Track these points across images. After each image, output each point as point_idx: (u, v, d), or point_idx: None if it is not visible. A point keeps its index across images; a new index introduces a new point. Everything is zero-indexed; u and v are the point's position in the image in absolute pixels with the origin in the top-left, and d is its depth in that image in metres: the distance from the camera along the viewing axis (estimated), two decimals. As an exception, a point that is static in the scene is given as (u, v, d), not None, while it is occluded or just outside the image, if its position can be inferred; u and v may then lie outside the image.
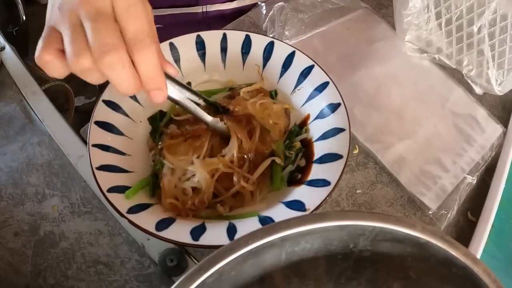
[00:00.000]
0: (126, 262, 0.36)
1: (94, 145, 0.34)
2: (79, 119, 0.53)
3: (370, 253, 0.27)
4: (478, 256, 0.42)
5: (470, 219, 0.43)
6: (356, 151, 0.46)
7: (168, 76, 0.32)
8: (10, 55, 0.58)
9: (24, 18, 0.89)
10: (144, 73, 0.27)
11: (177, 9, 0.62)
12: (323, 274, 0.30)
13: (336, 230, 0.26)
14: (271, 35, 0.52)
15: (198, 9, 0.61)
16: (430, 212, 0.43)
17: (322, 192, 0.32)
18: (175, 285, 0.22)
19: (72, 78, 0.30)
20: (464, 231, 0.44)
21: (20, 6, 0.92)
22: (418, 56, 0.56)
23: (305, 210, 0.31)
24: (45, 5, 0.30)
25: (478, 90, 0.56)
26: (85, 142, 0.45)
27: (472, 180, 0.45)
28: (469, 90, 0.55)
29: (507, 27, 0.51)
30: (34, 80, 0.54)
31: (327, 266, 0.29)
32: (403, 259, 0.27)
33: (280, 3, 0.52)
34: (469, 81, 0.55)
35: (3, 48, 0.59)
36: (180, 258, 0.34)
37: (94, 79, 0.27)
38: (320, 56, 0.50)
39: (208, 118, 0.35)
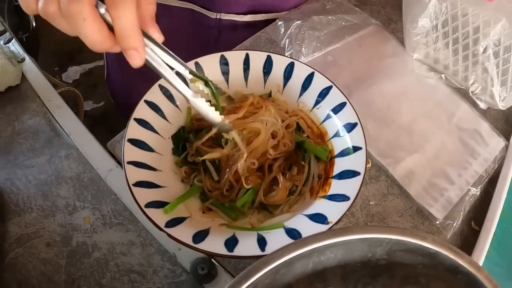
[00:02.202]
0: (158, 271, 0.41)
1: (128, 163, 0.39)
2: (88, 123, 0.57)
3: (386, 262, 0.33)
4: (481, 262, 0.47)
5: (473, 228, 0.48)
6: (369, 165, 0.51)
7: (151, 39, 0.32)
8: (30, 66, 0.62)
9: (34, 24, 0.94)
10: (117, 29, 0.28)
11: (195, 6, 0.66)
12: (343, 280, 0.35)
13: (358, 242, 0.31)
14: (288, 53, 0.57)
15: (213, 15, 0.65)
16: (437, 222, 0.49)
17: (342, 206, 0.37)
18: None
19: (81, 83, 0.34)
20: (468, 239, 0.49)
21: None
22: (425, 73, 0.62)
23: (327, 223, 0.37)
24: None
25: (482, 105, 0.62)
26: (112, 155, 0.51)
27: (475, 191, 0.50)
28: (474, 105, 0.61)
29: (510, 47, 0.57)
30: (58, 94, 0.59)
31: (347, 273, 0.35)
32: (414, 266, 0.32)
33: (298, 22, 0.57)
34: (474, 97, 0.62)
35: (23, 60, 0.63)
36: (210, 266, 0.39)
37: (63, 27, 0.29)
38: (335, 72, 0.55)
39: (202, 105, 0.35)
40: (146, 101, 0.42)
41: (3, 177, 0.51)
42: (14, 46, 0.64)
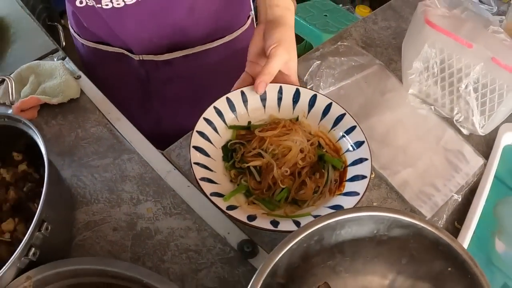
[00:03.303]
0: (211, 250, 0.55)
1: (195, 163, 0.54)
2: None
3: (387, 237, 0.48)
4: None
5: (456, 227, 0.63)
6: (372, 176, 0.67)
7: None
8: (86, 82, 0.76)
9: (64, 43, 1.10)
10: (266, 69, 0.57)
11: (124, 50, 0.82)
12: (356, 253, 0.50)
13: (366, 219, 0.47)
14: (310, 86, 0.74)
15: (136, 57, 0.80)
16: (426, 219, 0.65)
17: (355, 199, 0.51)
18: (282, 242, 0.42)
19: None
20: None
21: (61, 32, 1.13)
22: (418, 105, 0.79)
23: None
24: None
25: (465, 132, 0.79)
26: (169, 160, 0.66)
27: (458, 197, 0.65)
28: (458, 131, 0.78)
29: (487, 84, 0.75)
30: (115, 107, 0.74)
31: (358, 246, 0.50)
32: (407, 241, 0.48)
33: (317, 62, 0.75)
34: (458, 125, 0.79)
35: (79, 77, 0.78)
36: (253, 246, 0.54)
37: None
38: (346, 103, 0.72)
39: None
40: (204, 118, 0.58)
41: (70, 174, 0.63)
42: (69, 64, 0.80)
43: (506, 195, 0.72)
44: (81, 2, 0.72)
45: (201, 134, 0.57)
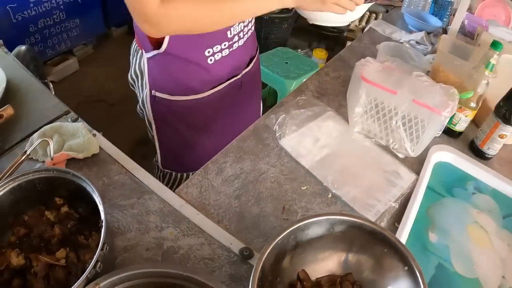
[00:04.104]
0: (221, 256, 0.78)
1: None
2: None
3: (340, 233, 0.74)
4: None
5: (396, 226, 0.89)
6: (330, 196, 0.94)
7: None
8: (101, 139, 1.00)
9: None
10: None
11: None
12: (320, 245, 0.75)
13: (324, 221, 0.72)
14: (278, 134, 1.00)
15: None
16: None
17: None
18: (268, 242, 0.67)
19: None
20: (393, 233, 0.92)
21: (52, 89, 1.37)
22: (363, 140, 1.08)
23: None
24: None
25: (401, 156, 1.08)
26: (181, 197, 0.90)
27: (395, 205, 0.91)
28: (395, 156, 1.07)
29: (411, 119, 1.05)
30: (131, 159, 0.98)
31: (321, 241, 0.75)
32: (355, 234, 0.74)
33: (283, 114, 1.02)
34: (394, 151, 1.08)
35: (95, 134, 1.02)
36: (250, 250, 0.78)
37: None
38: (306, 144, 1.00)
39: None
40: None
41: (104, 212, 0.88)
42: (84, 124, 1.04)
43: (437, 200, 0.99)
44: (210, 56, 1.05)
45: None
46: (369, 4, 0.91)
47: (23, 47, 1.69)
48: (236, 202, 0.88)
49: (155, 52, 1.02)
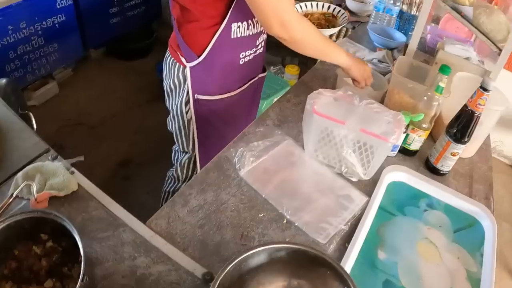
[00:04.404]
0: (186, 281, 0.88)
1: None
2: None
3: (286, 258, 0.85)
4: (350, 264, 1.02)
5: (346, 247, 1.02)
6: (285, 221, 1.06)
7: None
8: (80, 176, 1.11)
9: (35, 127, 1.44)
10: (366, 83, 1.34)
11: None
12: (269, 269, 0.86)
13: (271, 249, 0.83)
14: (237, 165, 1.11)
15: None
16: (323, 243, 1.03)
17: None
18: (222, 269, 0.79)
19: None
20: (343, 253, 1.00)
21: (33, 120, 1.47)
22: (317, 166, 1.21)
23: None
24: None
25: (354, 179, 1.20)
26: (150, 228, 1.02)
27: (345, 227, 1.04)
28: (349, 180, 1.20)
29: (360, 146, 1.17)
30: (108, 196, 1.09)
31: (270, 265, 0.86)
32: (299, 258, 0.85)
33: (242, 148, 1.13)
34: (347, 176, 1.21)
35: (73, 172, 1.12)
36: (210, 275, 0.89)
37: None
38: (263, 174, 1.13)
39: None
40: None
41: (84, 244, 0.99)
42: (62, 162, 1.15)
43: (388, 219, 1.10)
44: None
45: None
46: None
47: (3, 81, 1.78)
48: (200, 231, 1.00)
49: (198, 61, 1.28)
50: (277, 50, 3.25)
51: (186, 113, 1.42)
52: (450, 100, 1.27)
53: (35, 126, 1.45)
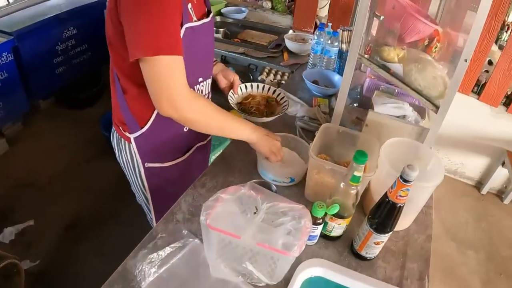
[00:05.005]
0: None
1: None
2: (29, 281, 1.01)
3: None
4: None
5: None
6: None
7: None
8: None
9: None
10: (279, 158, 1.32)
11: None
12: None
13: None
14: (138, 278, 1.04)
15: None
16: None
17: None
18: None
19: (16, 243, 0.73)
20: None
21: None
22: (223, 273, 1.11)
23: None
24: None
25: (261, 285, 1.14)
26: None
27: None
28: (256, 285, 1.13)
29: (263, 256, 1.10)
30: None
31: None
32: None
33: (140, 262, 1.07)
34: (254, 283, 1.12)
35: None
36: None
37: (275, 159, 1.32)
38: (167, 283, 1.07)
39: None
40: None
41: None
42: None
43: None
44: None
45: None
46: None
47: None
48: None
49: (141, 131, 1.31)
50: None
51: (142, 183, 1.47)
52: (380, 172, 1.18)
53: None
